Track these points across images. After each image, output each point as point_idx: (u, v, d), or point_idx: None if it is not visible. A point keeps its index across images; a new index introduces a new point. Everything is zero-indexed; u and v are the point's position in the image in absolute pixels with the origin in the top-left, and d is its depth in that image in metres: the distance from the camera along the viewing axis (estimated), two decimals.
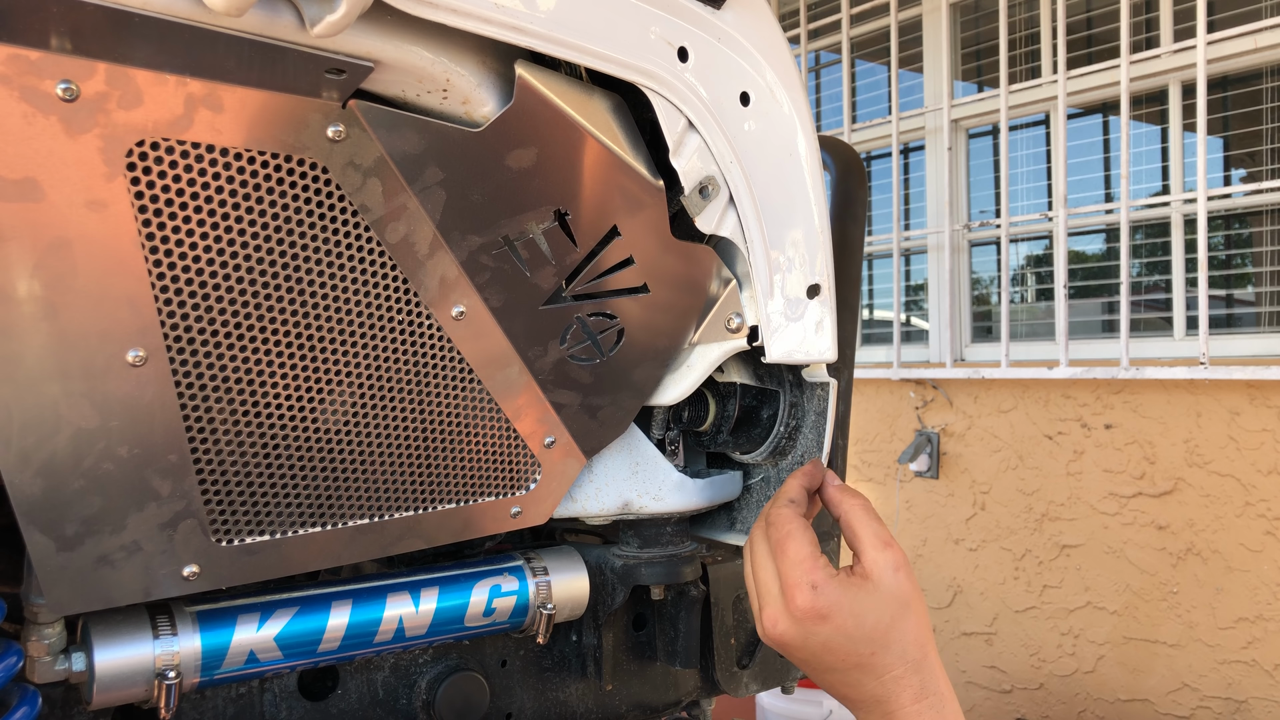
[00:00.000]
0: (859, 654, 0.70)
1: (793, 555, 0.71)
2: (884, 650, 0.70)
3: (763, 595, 0.73)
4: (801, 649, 0.71)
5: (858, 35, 3.94)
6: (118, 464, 0.59)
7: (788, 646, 0.71)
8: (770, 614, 0.71)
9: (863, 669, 0.70)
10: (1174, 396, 2.92)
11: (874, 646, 0.70)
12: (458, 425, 0.73)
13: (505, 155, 0.68)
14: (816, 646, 0.70)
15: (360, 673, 0.84)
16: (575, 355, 0.77)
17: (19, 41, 0.51)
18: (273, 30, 0.57)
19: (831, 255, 0.85)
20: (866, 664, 0.70)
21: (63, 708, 0.71)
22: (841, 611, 0.69)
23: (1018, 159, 3.58)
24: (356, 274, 0.66)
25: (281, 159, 0.60)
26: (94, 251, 0.55)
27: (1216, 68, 2.95)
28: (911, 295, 4.00)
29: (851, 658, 0.70)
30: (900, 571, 0.72)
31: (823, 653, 0.70)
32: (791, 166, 0.81)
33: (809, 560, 0.71)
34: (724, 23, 0.76)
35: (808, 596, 0.69)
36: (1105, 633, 3.13)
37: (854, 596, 0.70)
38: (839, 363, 0.90)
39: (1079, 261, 3.53)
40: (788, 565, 0.71)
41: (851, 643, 0.70)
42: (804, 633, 0.70)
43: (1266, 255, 3.07)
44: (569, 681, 0.96)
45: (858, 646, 0.70)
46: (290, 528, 0.67)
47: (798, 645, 0.71)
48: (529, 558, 0.87)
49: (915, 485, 3.64)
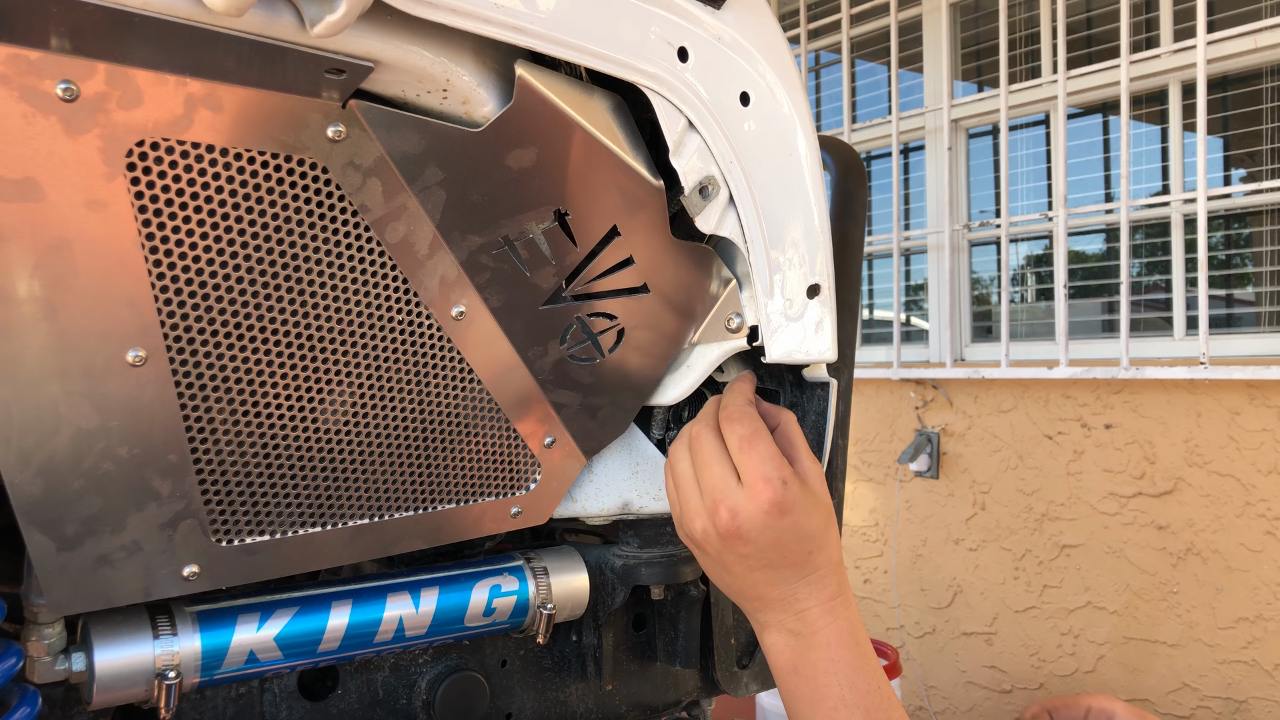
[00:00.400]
0: (802, 551, 0.72)
1: (763, 451, 0.72)
2: (819, 550, 0.73)
3: (715, 489, 0.72)
4: (750, 544, 0.71)
5: (858, 35, 3.94)
6: (118, 464, 0.59)
7: (739, 540, 0.71)
8: (730, 506, 0.71)
9: (797, 566, 0.72)
10: (1174, 396, 2.92)
11: (813, 545, 0.72)
12: (457, 425, 0.73)
13: (505, 155, 0.68)
14: (768, 542, 0.71)
15: (360, 673, 0.84)
16: (575, 355, 0.77)
17: (19, 41, 0.51)
18: (273, 30, 0.57)
19: (831, 255, 0.85)
20: (803, 562, 0.72)
21: (63, 708, 0.71)
22: (800, 508, 0.71)
23: (1018, 159, 3.58)
24: (356, 274, 0.66)
25: (281, 159, 0.60)
26: (94, 251, 0.55)
27: (1216, 68, 2.95)
28: (911, 295, 4.00)
29: (795, 554, 0.72)
30: (822, 480, 0.75)
31: (770, 548, 0.71)
32: (791, 166, 0.81)
33: (777, 457, 0.72)
34: (724, 23, 0.76)
35: (779, 490, 0.70)
36: (1105, 633, 3.13)
37: (806, 495, 0.72)
38: (839, 363, 0.90)
39: (1079, 261, 3.53)
40: (757, 459, 0.71)
41: (800, 540, 0.72)
42: (762, 526, 0.71)
43: (1266, 255, 3.07)
44: (569, 681, 0.96)
45: (804, 544, 0.72)
46: (290, 528, 0.67)
47: (748, 539, 0.71)
48: (529, 558, 0.87)
49: (915, 485, 3.64)
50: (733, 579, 0.75)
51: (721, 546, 0.73)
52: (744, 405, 0.76)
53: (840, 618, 0.73)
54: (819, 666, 0.71)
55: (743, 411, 0.75)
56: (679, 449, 0.77)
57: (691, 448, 0.76)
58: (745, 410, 0.75)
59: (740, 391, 0.80)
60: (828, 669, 0.71)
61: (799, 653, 0.72)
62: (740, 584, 0.74)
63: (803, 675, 0.72)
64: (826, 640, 0.72)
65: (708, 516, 0.73)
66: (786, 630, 0.73)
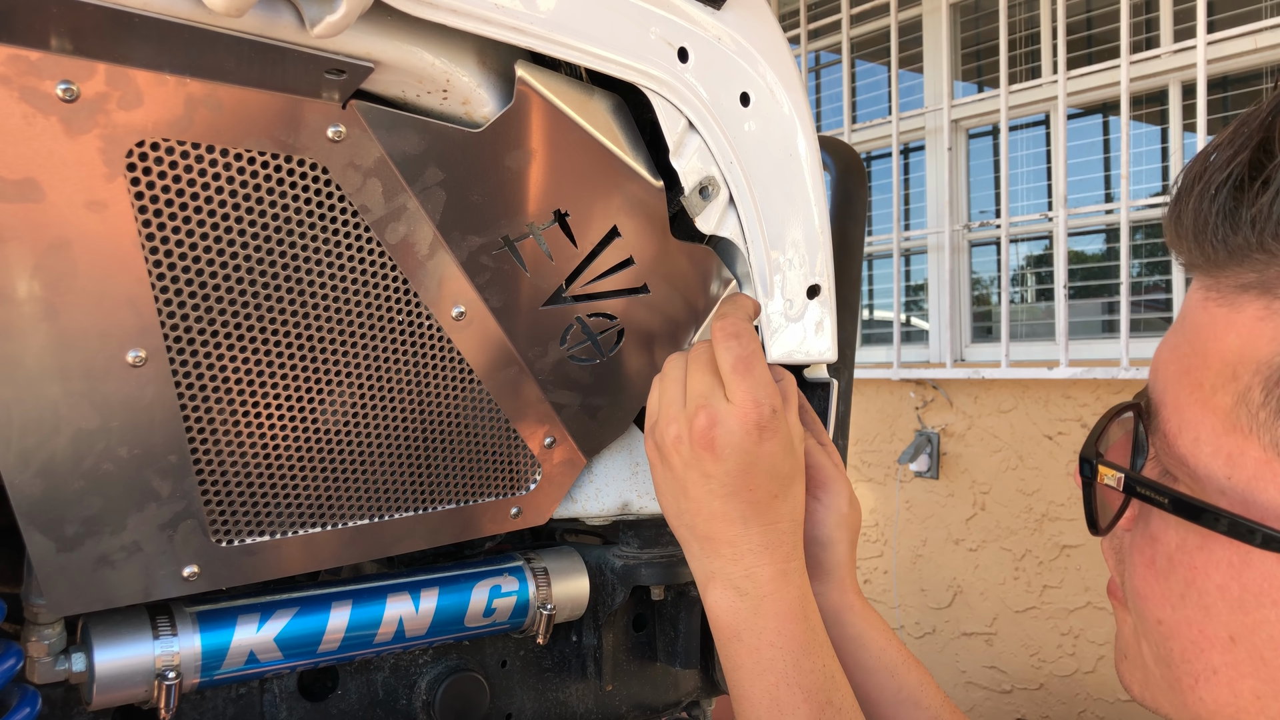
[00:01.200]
0: (768, 491, 0.68)
1: (759, 375, 0.68)
2: (783, 499, 0.69)
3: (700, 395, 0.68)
4: (720, 462, 0.67)
5: (858, 35, 3.94)
6: (118, 464, 0.59)
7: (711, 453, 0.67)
8: (711, 413, 0.67)
9: (760, 506, 0.68)
10: None
11: (780, 489, 0.68)
12: (457, 426, 0.73)
13: (505, 155, 0.68)
14: (738, 465, 0.67)
15: (360, 673, 0.84)
16: (575, 355, 0.77)
17: (19, 42, 0.51)
18: (273, 31, 0.57)
19: (831, 255, 0.85)
20: (766, 503, 0.68)
21: (63, 708, 0.71)
22: (781, 443, 0.68)
23: (1018, 159, 3.58)
24: (356, 274, 0.66)
25: (281, 159, 0.60)
26: (94, 252, 0.55)
27: (1216, 68, 2.95)
28: (911, 295, 4.00)
29: (761, 491, 0.68)
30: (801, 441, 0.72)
31: (738, 473, 0.67)
32: (792, 167, 0.81)
33: (774, 385, 0.68)
34: (724, 23, 0.76)
35: (766, 414, 0.67)
36: (1106, 633, 3.13)
37: (787, 436, 0.69)
38: (839, 363, 0.90)
39: (1079, 261, 3.53)
40: (751, 382, 0.67)
41: (771, 477, 0.68)
42: (738, 446, 0.67)
43: None
44: (569, 682, 0.96)
45: (772, 483, 0.68)
46: (290, 528, 0.67)
47: (720, 455, 0.67)
48: (529, 558, 0.87)
49: (915, 485, 3.64)
50: (689, 503, 0.69)
51: (690, 458, 0.68)
52: (744, 322, 0.71)
53: (792, 585, 0.68)
54: (764, 638, 0.66)
55: (742, 328, 0.70)
56: (675, 358, 0.73)
57: (689, 356, 0.72)
58: (745, 328, 0.70)
59: (741, 306, 0.75)
60: (774, 641, 0.66)
61: (743, 618, 0.67)
62: (695, 511, 0.69)
63: (745, 644, 0.67)
64: (775, 609, 0.67)
65: (685, 421, 0.68)
66: (732, 587, 0.68)
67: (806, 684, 0.65)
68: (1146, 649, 0.51)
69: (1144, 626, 0.51)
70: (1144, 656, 0.52)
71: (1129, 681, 0.55)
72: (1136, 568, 0.51)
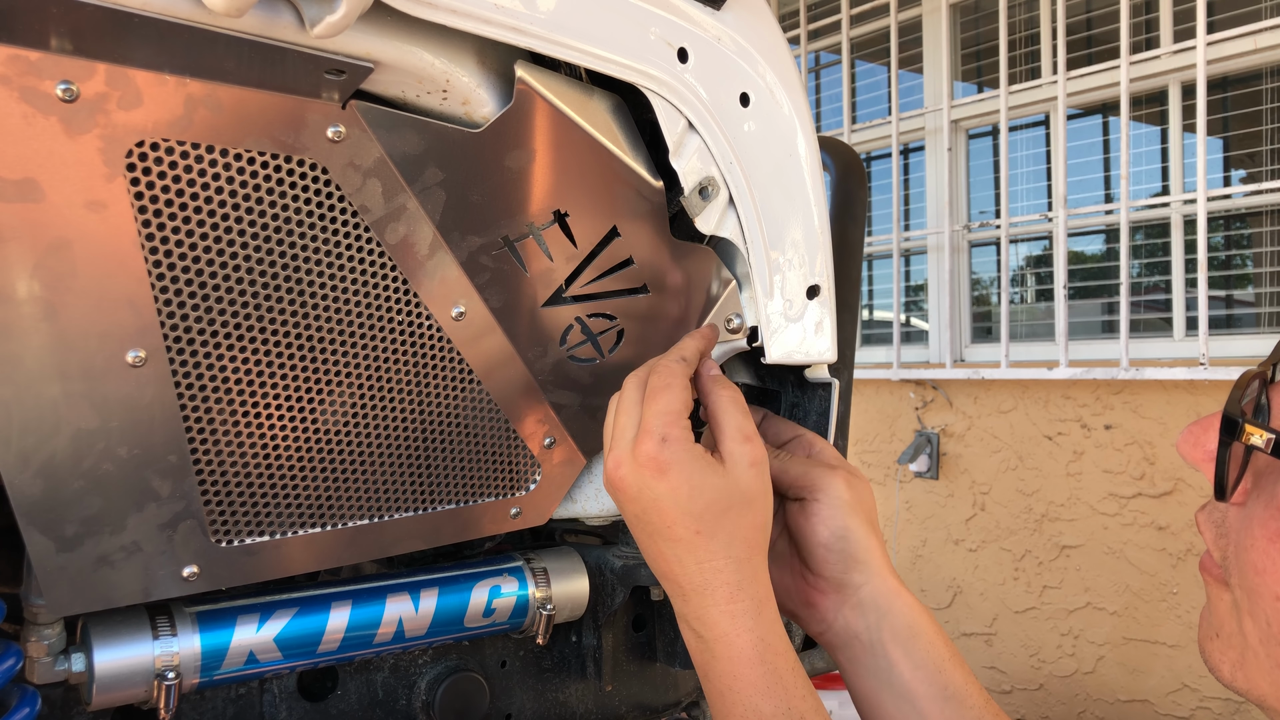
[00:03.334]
0: (684, 527, 0.67)
1: (661, 406, 0.68)
2: (709, 536, 0.67)
3: (616, 437, 0.69)
4: (634, 501, 0.68)
5: (858, 36, 3.94)
6: (117, 464, 0.59)
7: (622, 493, 0.68)
8: (616, 456, 0.68)
9: (683, 545, 0.67)
10: (1174, 397, 2.92)
11: (700, 526, 0.67)
12: (457, 426, 0.73)
13: (505, 156, 0.68)
14: (647, 502, 0.67)
15: (360, 673, 0.84)
16: (575, 356, 0.77)
17: (19, 42, 0.51)
18: (272, 31, 0.57)
19: (831, 256, 0.85)
20: (688, 541, 0.67)
21: (63, 708, 0.71)
22: (680, 474, 0.67)
23: (1017, 159, 3.58)
24: (356, 275, 0.66)
25: (281, 159, 0.60)
26: (94, 252, 0.55)
27: (1216, 68, 2.95)
28: (911, 296, 4.00)
29: (676, 528, 0.67)
30: (754, 468, 0.69)
31: (652, 511, 0.67)
32: (791, 167, 0.81)
33: (672, 415, 0.68)
34: (724, 24, 0.76)
35: (655, 446, 0.66)
36: (1105, 633, 3.13)
37: (699, 468, 0.67)
38: (839, 363, 0.90)
39: (1079, 262, 3.53)
40: (651, 413, 0.68)
41: (680, 512, 0.67)
42: (639, 483, 0.67)
43: (1266, 255, 3.07)
44: (569, 682, 0.96)
45: (685, 520, 0.67)
46: (290, 528, 0.67)
47: (631, 495, 0.68)
48: (529, 558, 0.87)
49: (915, 486, 3.64)
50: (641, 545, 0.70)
51: (617, 498, 0.69)
52: (672, 360, 0.72)
53: (740, 628, 0.66)
54: (723, 681, 0.67)
55: (665, 366, 0.71)
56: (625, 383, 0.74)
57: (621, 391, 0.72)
58: (667, 365, 0.71)
59: (680, 347, 0.75)
60: (731, 685, 0.66)
61: (704, 659, 0.68)
62: (646, 553, 0.70)
63: (711, 683, 0.68)
64: (727, 653, 0.67)
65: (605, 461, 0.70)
66: (690, 629, 0.69)
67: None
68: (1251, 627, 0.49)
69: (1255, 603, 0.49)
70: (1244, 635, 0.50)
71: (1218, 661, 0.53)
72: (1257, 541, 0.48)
